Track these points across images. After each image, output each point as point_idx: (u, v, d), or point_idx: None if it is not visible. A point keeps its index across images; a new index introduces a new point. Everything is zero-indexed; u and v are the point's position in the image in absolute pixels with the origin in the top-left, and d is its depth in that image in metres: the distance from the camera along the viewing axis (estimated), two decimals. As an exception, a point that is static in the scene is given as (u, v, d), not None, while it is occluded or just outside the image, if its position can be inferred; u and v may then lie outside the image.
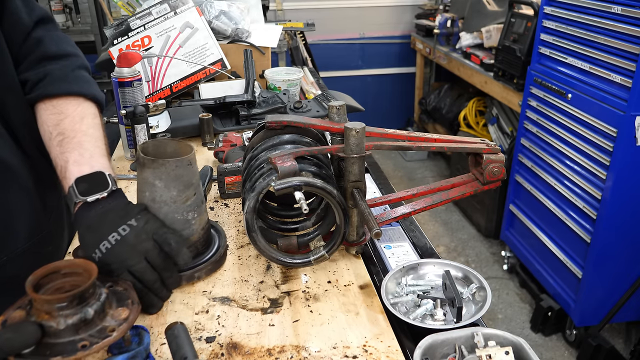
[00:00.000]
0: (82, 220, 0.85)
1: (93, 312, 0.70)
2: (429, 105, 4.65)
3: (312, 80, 2.45)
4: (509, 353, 0.71)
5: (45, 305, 0.67)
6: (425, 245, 1.10)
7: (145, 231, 0.84)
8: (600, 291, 2.43)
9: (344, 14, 4.85)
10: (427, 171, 4.66)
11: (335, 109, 0.97)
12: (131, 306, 0.75)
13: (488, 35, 3.53)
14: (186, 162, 0.89)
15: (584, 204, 2.39)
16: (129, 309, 0.74)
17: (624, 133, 2.11)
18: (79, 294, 0.68)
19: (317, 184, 0.88)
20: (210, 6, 2.09)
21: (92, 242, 0.82)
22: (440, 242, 3.58)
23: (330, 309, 0.88)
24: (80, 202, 0.86)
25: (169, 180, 0.88)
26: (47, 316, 0.67)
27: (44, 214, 1.03)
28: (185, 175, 0.89)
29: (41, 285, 0.71)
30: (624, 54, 2.12)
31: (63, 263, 0.74)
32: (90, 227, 0.84)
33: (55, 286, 0.73)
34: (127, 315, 0.73)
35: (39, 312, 0.68)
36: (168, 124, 1.57)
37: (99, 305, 0.71)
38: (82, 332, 0.68)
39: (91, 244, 0.82)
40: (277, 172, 0.88)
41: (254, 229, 0.92)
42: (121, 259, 0.81)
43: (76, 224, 0.87)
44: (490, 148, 1.03)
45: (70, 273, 0.74)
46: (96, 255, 0.81)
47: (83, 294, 0.69)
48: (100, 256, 0.81)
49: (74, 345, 0.67)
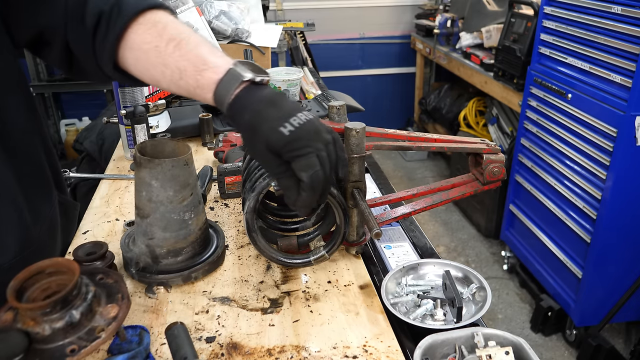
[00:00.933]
0: (258, 96, 0.78)
1: (79, 314, 0.68)
2: (429, 105, 4.65)
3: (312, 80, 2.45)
4: (509, 353, 0.71)
5: (29, 312, 0.66)
6: (425, 245, 1.10)
7: (324, 125, 0.79)
8: (600, 291, 2.43)
9: (344, 14, 4.85)
10: (427, 171, 4.66)
11: (335, 109, 0.97)
12: (121, 302, 0.72)
13: (488, 35, 3.53)
14: (182, 162, 0.89)
15: (584, 204, 2.39)
16: (119, 305, 0.72)
17: (624, 133, 2.11)
18: (62, 298, 0.66)
19: (317, 184, 0.88)
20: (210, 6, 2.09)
21: (279, 116, 0.76)
22: (440, 242, 3.58)
23: (330, 309, 0.88)
24: (248, 82, 0.79)
25: (165, 180, 0.88)
26: (32, 322, 0.66)
27: (34, 226, 0.95)
28: (181, 176, 0.89)
29: (26, 287, 0.69)
30: (624, 54, 2.12)
31: (46, 263, 0.71)
32: (273, 102, 0.77)
33: (42, 287, 0.70)
34: (116, 313, 0.71)
35: (25, 318, 0.66)
36: (168, 124, 1.57)
37: (85, 306, 0.69)
38: (70, 336, 0.67)
39: (278, 117, 0.76)
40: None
41: (254, 229, 0.92)
42: (311, 138, 0.75)
43: (245, 102, 0.79)
44: (490, 148, 1.03)
45: (55, 272, 0.71)
46: (286, 129, 0.74)
47: (66, 297, 0.67)
48: (292, 130, 0.74)
49: (62, 350, 0.66)
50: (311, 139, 0.75)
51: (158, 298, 0.91)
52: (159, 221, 0.90)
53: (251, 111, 0.78)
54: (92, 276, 0.75)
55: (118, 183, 1.33)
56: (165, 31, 0.84)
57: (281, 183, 0.80)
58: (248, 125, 0.78)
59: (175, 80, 0.84)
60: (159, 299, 0.90)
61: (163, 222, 0.90)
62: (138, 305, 0.88)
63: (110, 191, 1.30)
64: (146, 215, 0.90)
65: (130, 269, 0.94)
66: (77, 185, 1.86)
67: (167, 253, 0.92)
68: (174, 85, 0.85)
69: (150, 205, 0.89)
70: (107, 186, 1.32)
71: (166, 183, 0.88)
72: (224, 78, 0.79)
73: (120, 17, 0.85)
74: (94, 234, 1.11)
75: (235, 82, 0.79)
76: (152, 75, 0.87)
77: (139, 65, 0.88)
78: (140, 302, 0.89)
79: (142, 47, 0.85)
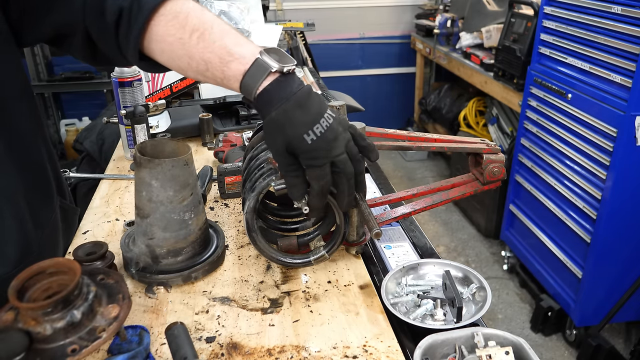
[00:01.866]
0: (285, 92, 0.78)
1: (80, 314, 0.68)
2: (429, 105, 4.65)
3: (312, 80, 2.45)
4: (509, 353, 0.71)
5: (30, 312, 0.66)
6: (425, 245, 1.10)
7: (342, 121, 0.81)
8: (600, 291, 2.43)
9: (344, 14, 4.85)
10: (427, 171, 4.66)
11: (335, 109, 0.97)
12: (122, 302, 0.72)
13: (488, 35, 3.54)
14: (182, 162, 0.89)
15: (584, 204, 2.39)
16: (120, 305, 0.72)
17: (624, 133, 2.11)
18: (63, 298, 0.66)
19: (317, 184, 0.88)
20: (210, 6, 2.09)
21: (305, 122, 0.77)
22: (440, 242, 3.58)
23: (330, 309, 0.88)
24: (277, 72, 0.79)
25: (165, 180, 0.88)
26: (33, 322, 0.66)
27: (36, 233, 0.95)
28: (181, 176, 0.89)
29: (27, 287, 0.69)
30: (624, 54, 2.12)
31: (46, 263, 0.71)
32: (302, 105, 0.78)
33: (43, 287, 0.70)
34: (117, 313, 0.71)
35: (26, 317, 0.66)
36: (168, 124, 1.57)
37: (86, 306, 0.69)
38: (72, 335, 0.67)
39: (304, 123, 0.77)
40: (277, 172, 0.88)
41: (254, 229, 0.92)
42: (330, 148, 0.78)
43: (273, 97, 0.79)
44: (490, 148, 1.03)
45: (56, 272, 0.71)
46: (309, 137, 0.77)
47: (68, 297, 0.67)
48: (314, 139, 0.77)
49: (63, 349, 0.66)
50: (330, 149, 0.79)
51: (158, 298, 0.91)
52: (159, 221, 0.90)
53: (278, 108, 0.78)
54: (92, 276, 0.75)
55: (118, 183, 1.33)
56: (188, 22, 0.84)
57: (288, 180, 0.84)
58: (273, 121, 0.79)
59: (202, 71, 0.84)
60: (159, 299, 0.90)
61: (163, 222, 0.90)
62: (138, 305, 0.88)
63: (110, 191, 1.30)
64: (146, 215, 0.90)
65: (130, 269, 0.94)
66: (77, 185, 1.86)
67: (167, 253, 0.92)
68: (201, 75, 0.85)
69: (150, 205, 0.89)
70: (107, 186, 1.32)
71: (166, 183, 0.88)
72: (251, 69, 0.79)
73: (141, 11, 0.84)
74: (94, 234, 1.11)
75: (263, 73, 0.79)
76: (178, 66, 0.88)
77: (164, 56, 0.88)
78: (140, 302, 0.89)
79: (166, 40, 0.85)
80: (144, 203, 0.89)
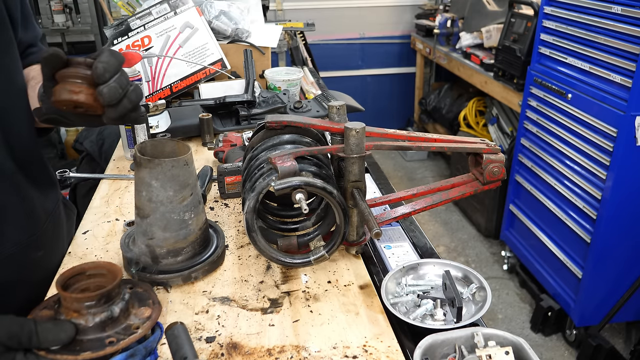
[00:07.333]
0: None
1: (119, 310, 0.73)
2: (429, 105, 4.65)
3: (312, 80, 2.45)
4: (509, 353, 0.71)
5: (75, 303, 0.70)
6: (425, 245, 1.10)
7: None
8: (600, 291, 2.43)
9: (344, 14, 4.85)
10: (427, 171, 4.66)
11: (335, 109, 0.97)
12: (152, 306, 0.78)
13: (488, 35, 3.54)
14: (182, 162, 0.89)
15: (584, 204, 2.39)
16: (151, 308, 0.77)
17: (624, 133, 2.11)
18: (106, 293, 0.71)
19: (317, 184, 0.88)
20: (210, 6, 2.09)
21: None
22: (440, 242, 3.58)
23: (330, 309, 0.88)
24: None
25: (165, 180, 0.88)
26: (76, 314, 0.70)
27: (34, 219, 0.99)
28: (181, 176, 0.89)
29: (68, 285, 0.74)
30: (624, 54, 2.11)
31: (88, 265, 0.77)
32: None
33: (81, 287, 0.76)
34: (150, 314, 0.76)
35: (68, 310, 0.70)
36: (168, 124, 1.57)
37: (123, 304, 0.74)
38: (109, 329, 0.71)
39: None
40: (277, 172, 0.88)
41: (254, 229, 0.92)
42: None
43: None
44: (490, 148, 1.03)
45: (95, 274, 0.77)
46: None
47: (110, 293, 0.72)
48: None
49: (101, 341, 0.70)
50: None
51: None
52: (159, 221, 0.90)
53: None
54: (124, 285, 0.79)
55: (118, 183, 1.33)
56: None
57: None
58: None
59: None
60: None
61: (163, 222, 0.90)
62: (138, 305, 0.88)
63: (110, 191, 1.30)
64: (146, 215, 0.90)
65: (131, 269, 0.94)
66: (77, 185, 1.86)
67: (167, 253, 0.92)
68: None
69: (150, 205, 0.89)
70: (107, 186, 1.32)
71: (166, 183, 0.88)
72: None
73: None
74: (94, 234, 1.11)
75: None
76: None
77: None
78: (140, 302, 0.89)
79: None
80: (144, 203, 0.89)
